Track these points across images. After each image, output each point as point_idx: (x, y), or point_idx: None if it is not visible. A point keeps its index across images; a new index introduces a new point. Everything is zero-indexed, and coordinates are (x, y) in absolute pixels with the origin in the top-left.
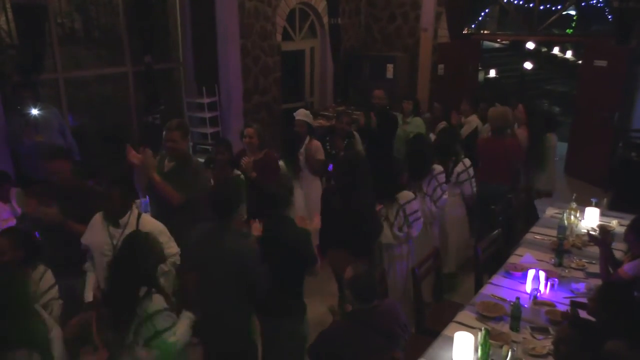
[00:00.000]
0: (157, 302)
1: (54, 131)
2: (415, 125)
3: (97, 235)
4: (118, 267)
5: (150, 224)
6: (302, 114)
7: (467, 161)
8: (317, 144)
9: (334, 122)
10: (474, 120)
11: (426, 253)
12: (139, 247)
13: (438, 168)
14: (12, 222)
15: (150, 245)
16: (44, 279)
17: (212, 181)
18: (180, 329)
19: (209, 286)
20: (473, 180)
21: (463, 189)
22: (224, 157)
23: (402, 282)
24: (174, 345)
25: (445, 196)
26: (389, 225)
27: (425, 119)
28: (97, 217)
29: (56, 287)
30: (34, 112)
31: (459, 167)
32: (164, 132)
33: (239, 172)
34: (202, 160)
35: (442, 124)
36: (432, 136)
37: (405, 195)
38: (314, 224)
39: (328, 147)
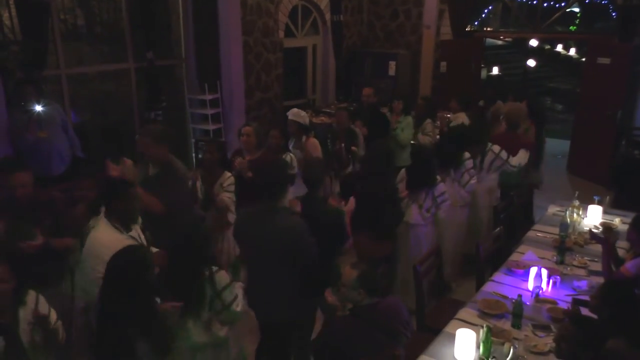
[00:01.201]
0: (223, 278)
1: (57, 127)
2: (406, 124)
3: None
4: (181, 254)
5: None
6: (292, 114)
7: (496, 147)
8: (314, 141)
9: (333, 119)
10: (461, 118)
11: (454, 235)
12: (197, 234)
13: (466, 154)
14: None
15: (206, 231)
16: (39, 305)
17: (199, 182)
18: (240, 298)
19: (261, 261)
20: (509, 160)
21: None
22: (212, 158)
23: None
24: (240, 314)
25: (473, 181)
26: (418, 207)
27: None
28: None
29: (52, 311)
30: (37, 108)
31: (489, 156)
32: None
33: (229, 174)
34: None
35: (427, 123)
36: (422, 137)
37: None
38: (349, 205)
39: (329, 144)
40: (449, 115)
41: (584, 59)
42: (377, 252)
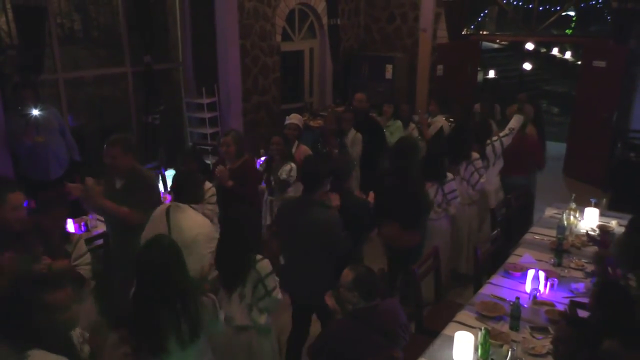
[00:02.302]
0: (266, 266)
1: (54, 131)
2: (395, 127)
3: (158, 228)
4: (229, 239)
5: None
6: (296, 118)
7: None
8: (305, 149)
9: (323, 122)
10: (439, 121)
11: (465, 231)
12: (245, 220)
13: (475, 154)
14: None
15: (253, 218)
16: (78, 246)
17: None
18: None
19: (299, 249)
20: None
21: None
22: (190, 168)
23: (442, 251)
24: (280, 301)
25: (482, 180)
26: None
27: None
28: (162, 209)
29: (88, 253)
30: (35, 112)
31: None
32: (104, 147)
33: (209, 184)
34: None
35: (412, 128)
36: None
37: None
38: (369, 198)
39: (320, 146)
40: (429, 119)
41: (579, 62)
42: (406, 242)
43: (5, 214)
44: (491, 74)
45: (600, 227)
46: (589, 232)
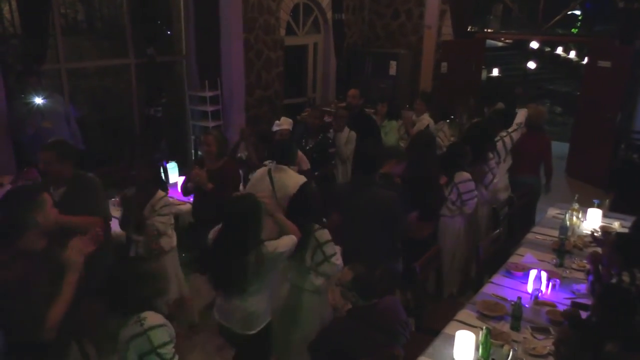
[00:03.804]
0: (325, 234)
1: (59, 118)
2: (390, 128)
3: (261, 185)
4: (293, 206)
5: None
6: (287, 123)
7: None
8: (299, 154)
9: (307, 118)
10: (425, 119)
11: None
12: (310, 192)
13: (489, 155)
14: None
15: (316, 191)
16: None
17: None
18: (339, 254)
19: (359, 226)
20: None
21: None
22: (145, 176)
23: (452, 250)
24: (339, 266)
25: (496, 180)
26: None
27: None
28: (262, 171)
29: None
30: (39, 100)
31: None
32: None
33: (162, 194)
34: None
35: (399, 123)
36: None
37: (460, 175)
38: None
39: (304, 143)
40: (414, 117)
41: (583, 62)
42: (419, 233)
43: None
44: (495, 72)
45: (603, 228)
46: (594, 233)
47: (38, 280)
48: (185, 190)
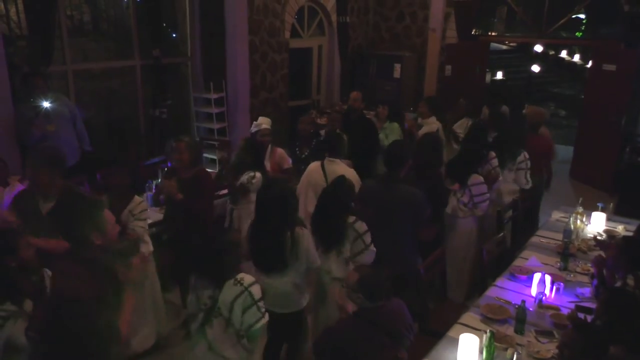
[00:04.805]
0: (362, 225)
1: (66, 120)
2: (390, 130)
3: (315, 175)
4: (328, 201)
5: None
6: (266, 122)
7: (527, 154)
8: (280, 152)
9: (299, 125)
10: (434, 123)
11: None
12: (343, 185)
13: (491, 154)
14: None
15: (349, 184)
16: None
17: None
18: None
19: (388, 221)
20: (528, 172)
21: (518, 177)
22: (121, 183)
23: (463, 250)
24: (375, 252)
25: (500, 177)
26: (456, 199)
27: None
28: (316, 163)
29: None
30: (45, 102)
31: (521, 157)
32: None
33: (139, 199)
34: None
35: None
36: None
37: (474, 177)
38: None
39: (297, 150)
40: (419, 120)
41: (587, 65)
42: (422, 236)
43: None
44: (499, 75)
45: (607, 231)
46: (596, 237)
47: (109, 291)
48: (156, 202)
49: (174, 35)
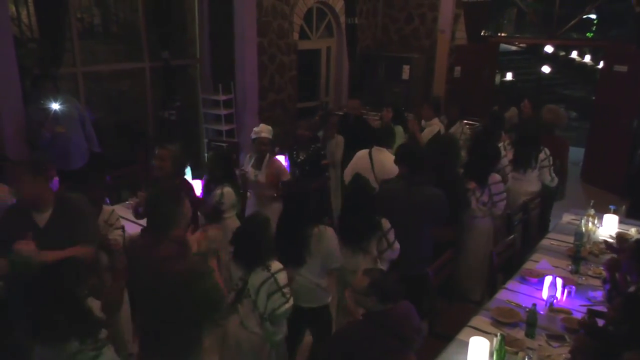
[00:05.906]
0: (387, 222)
1: (75, 122)
2: (395, 132)
3: (362, 163)
4: (352, 200)
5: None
6: (267, 131)
7: (547, 150)
8: (278, 163)
9: (298, 130)
10: (436, 124)
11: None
12: (364, 185)
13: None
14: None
15: (368, 184)
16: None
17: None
18: None
19: (409, 223)
20: (552, 169)
21: (542, 175)
22: (99, 197)
23: (483, 248)
24: (399, 249)
25: (511, 174)
26: (475, 199)
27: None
28: (364, 152)
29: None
30: (55, 105)
31: (542, 155)
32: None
33: (109, 208)
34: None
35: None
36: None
37: (493, 176)
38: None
39: (294, 155)
40: (422, 122)
41: (598, 66)
42: (440, 237)
43: None
44: (509, 76)
45: (619, 234)
46: (608, 240)
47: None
48: (137, 214)
49: (183, 37)
